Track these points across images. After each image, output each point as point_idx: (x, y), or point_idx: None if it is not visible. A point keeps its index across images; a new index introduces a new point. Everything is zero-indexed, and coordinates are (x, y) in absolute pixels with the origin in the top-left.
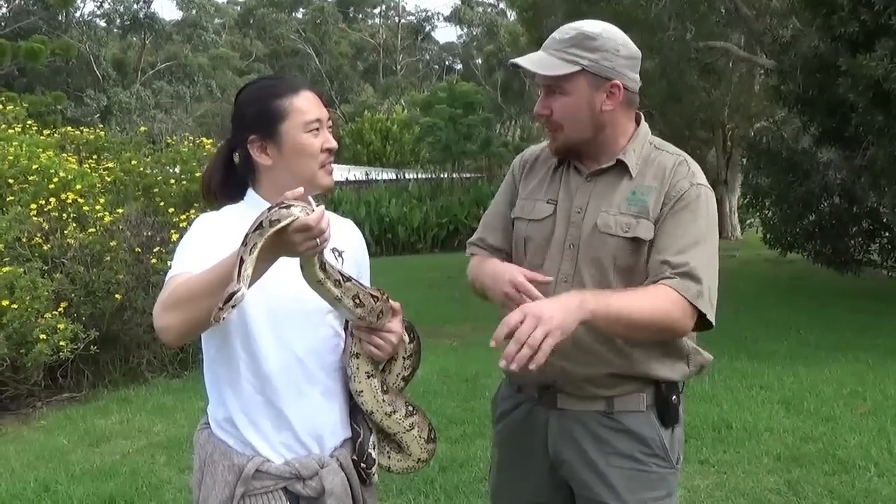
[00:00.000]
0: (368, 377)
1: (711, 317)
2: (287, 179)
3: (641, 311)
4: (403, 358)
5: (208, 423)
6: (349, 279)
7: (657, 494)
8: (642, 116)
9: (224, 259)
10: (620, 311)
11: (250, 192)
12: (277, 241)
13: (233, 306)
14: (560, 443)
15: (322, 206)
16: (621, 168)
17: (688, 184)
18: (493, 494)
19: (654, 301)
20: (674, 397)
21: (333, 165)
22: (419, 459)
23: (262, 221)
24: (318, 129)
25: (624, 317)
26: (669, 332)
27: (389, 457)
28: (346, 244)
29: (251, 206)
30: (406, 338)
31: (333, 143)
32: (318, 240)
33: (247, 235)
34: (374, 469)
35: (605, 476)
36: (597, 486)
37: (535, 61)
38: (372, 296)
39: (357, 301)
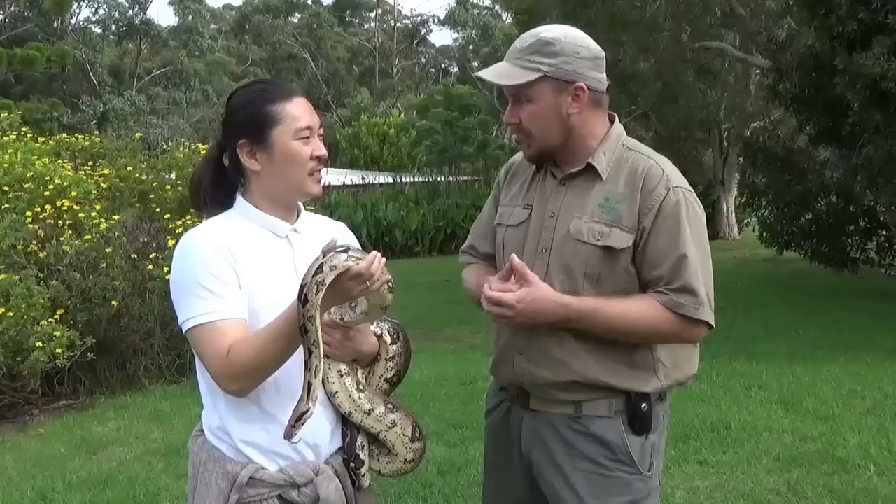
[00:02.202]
0: (341, 376)
1: (713, 321)
2: (276, 186)
3: (628, 323)
4: (386, 359)
5: (202, 431)
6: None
7: (620, 500)
8: (616, 117)
9: (278, 325)
10: (608, 320)
11: (240, 200)
12: (329, 294)
13: (303, 424)
14: (531, 443)
15: (375, 252)
16: (592, 171)
17: (664, 189)
18: (483, 490)
19: (641, 315)
20: (643, 406)
21: (330, 169)
22: (405, 460)
23: (304, 325)
24: (308, 137)
25: (608, 328)
26: (668, 341)
27: (379, 460)
28: None
29: (241, 214)
30: (387, 338)
31: (323, 152)
32: (368, 282)
33: (308, 353)
34: (363, 470)
35: (570, 479)
36: (561, 488)
37: (497, 72)
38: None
39: (389, 286)
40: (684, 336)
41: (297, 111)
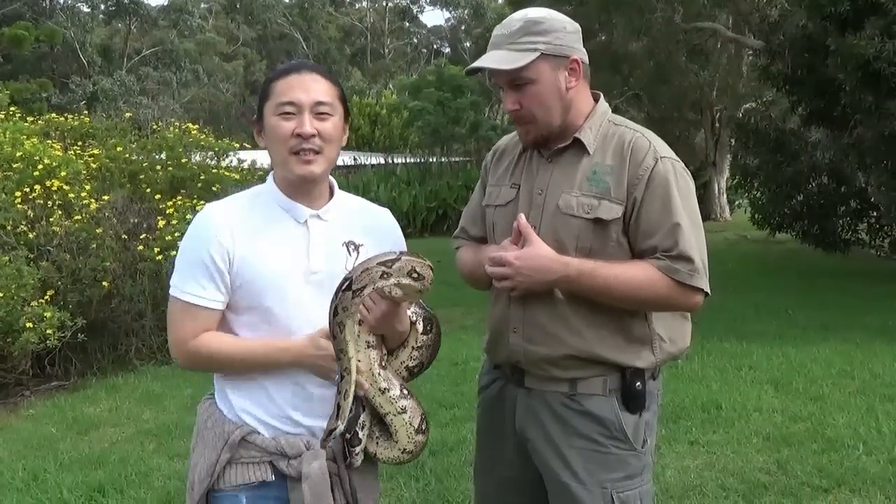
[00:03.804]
0: (367, 347)
1: (707, 288)
2: (275, 165)
3: (626, 286)
4: (413, 347)
5: (213, 394)
6: (397, 259)
7: (615, 476)
8: (601, 96)
9: (261, 355)
10: (606, 281)
11: (269, 178)
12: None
13: (333, 438)
14: (525, 421)
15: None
16: (579, 146)
17: (652, 160)
18: (475, 469)
19: (638, 278)
20: (638, 384)
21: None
22: (404, 450)
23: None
24: (290, 113)
25: (606, 290)
26: (665, 307)
27: (378, 443)
28: (370, 237)
29: (266, 192)
30: (420, 327)
31: (306, 129)
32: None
33: (340, 377)
34: (357, 449)
35: (565, 456)
36: (557, 465)
37: (494, 60)
38: (430, 266)
39: (415, 275)
40: (680, 302)
41: (284, 86)
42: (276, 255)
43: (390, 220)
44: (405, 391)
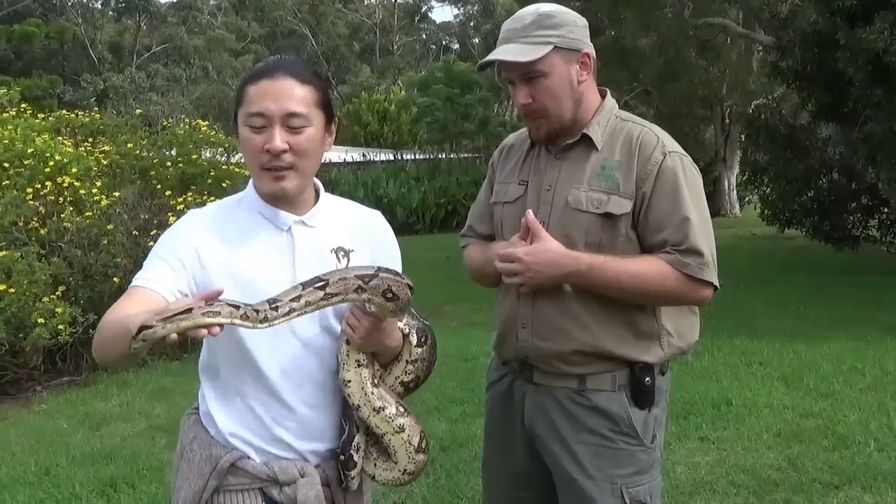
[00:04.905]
0: (358, 366)
1: (717, 281)
2: (250, 173)
3: (636, 279)
4: (407, 361)
5: (197, 409)
6: (374, 276)
7: (625, 471)
8: (608, 92)
9: (125, 320)
10: (616, 275)
11: (250, 184)
12: None
13: (143, 340)
14: (534, 417)
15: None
16: (587, 142)
17: (660, 154)
18: (483, 464)
19: (648, 272)
20: (647, 379)
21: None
22: (405, 470)
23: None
24: (259, 126)
25: (616, 284)
26: (677, 302)
27: (376, 464)
28: (361, 242)
29: (246, 198)
30: (414, 339)
31: (275, 145)
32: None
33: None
34: (353, 472)
35: (574, 452)
36: (566, 461)
37: (508, 53)
38: (409, 286)
39: (389, 295)
40: (690, 296)
41: (255, 94)
42: (260, 265)
43: (382, 223)
44: (402, 408)
